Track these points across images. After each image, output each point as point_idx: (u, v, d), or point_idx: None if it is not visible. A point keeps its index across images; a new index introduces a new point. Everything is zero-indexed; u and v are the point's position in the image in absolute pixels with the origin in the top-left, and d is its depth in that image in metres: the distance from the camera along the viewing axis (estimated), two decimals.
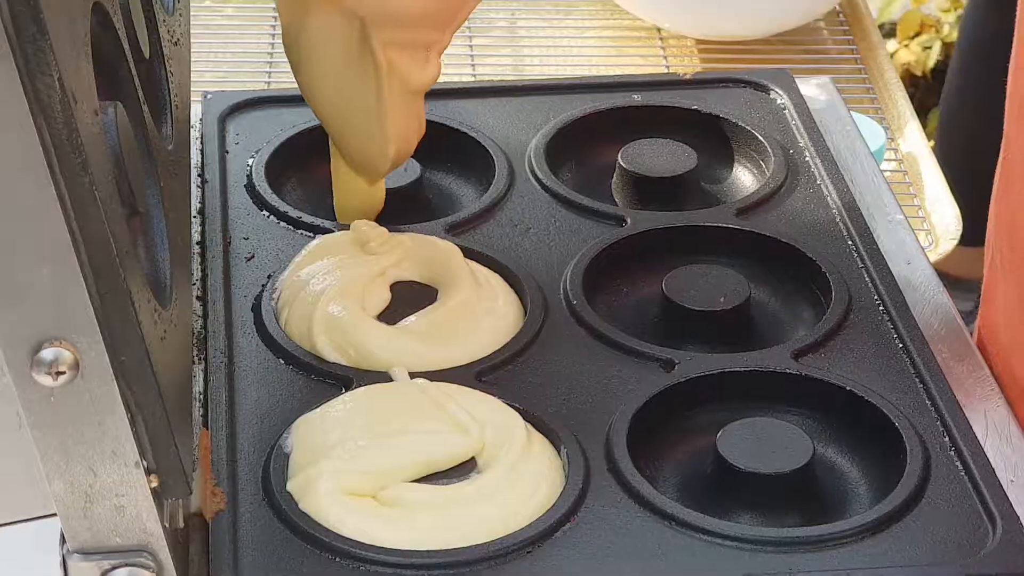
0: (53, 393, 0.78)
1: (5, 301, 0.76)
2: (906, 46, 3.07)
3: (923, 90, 3.00)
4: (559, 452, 0.94)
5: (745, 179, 1.20)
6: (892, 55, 2.78)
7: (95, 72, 0.82)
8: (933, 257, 1.42)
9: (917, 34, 3.09)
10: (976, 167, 1.98)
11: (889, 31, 3.13)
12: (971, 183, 1.87)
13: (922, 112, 2.41)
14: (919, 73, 3.02)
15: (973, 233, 1.48)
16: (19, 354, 0.77)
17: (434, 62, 1.06)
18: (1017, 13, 1.09)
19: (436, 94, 1.26)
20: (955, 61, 2.53)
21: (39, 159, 0.73)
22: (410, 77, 1.05)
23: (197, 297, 1.06)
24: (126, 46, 0.92)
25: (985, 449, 0.94)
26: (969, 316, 1.29)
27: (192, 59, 1.17)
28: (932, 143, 2.42)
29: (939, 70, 2.90)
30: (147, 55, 0.98)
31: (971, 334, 1.09)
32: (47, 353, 0.76)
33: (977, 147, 2.31)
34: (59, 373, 0.77)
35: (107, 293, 0.76)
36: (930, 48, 3.04)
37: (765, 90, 1.27)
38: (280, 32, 1.08)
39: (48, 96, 0.72)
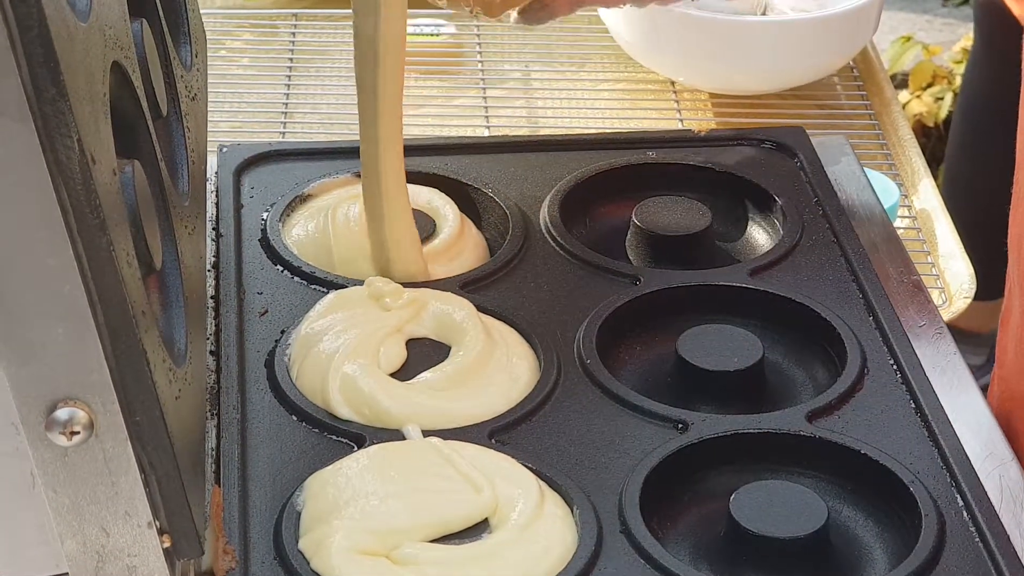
0: (67, 453, 0.78)
1: (20, 360, 0.76)
2: (918, 97, 3.07)
3: (935, 141, 3.00)
4: (572, 512, 0.94)
5: (759, 237, 1.20)
6: (904, 106, 2.79)
7: (113, 130, 0.82)
8: (946, 316, 1.41)
9: (929, 85, 3.09)
10: (981, 216, 1.98)
11: (901, 82, 3.14)
12: (976, 232, 1.87)
13: (933, 163, 2.41)
14: (931, 124, 3.03)
15: (982, 286, 1.48)
16: (34, 413, 0.77)
17: None
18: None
19: (450, 149, 1.26)
20: (958, 113, 2.54)
21: (57, 220, 0.73)
22: None
23: (210, 352, 1.05)
24: (144, 104, 0.92)
25: (999, 515, 0.93)
26: (979, 371, 1.28)
27: (207, 110, 1.18)
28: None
29: (951, 121, 2.90)
30: (165, 112, 0.99)
31: (983, 392, 1.09)
32: (62, 413, 0.77)
33: (981, 198, 2.31)
34: (74, 433, 0.77)
35: (123, 353, 0.76)
36: (942, 99, 3.04)
37: (780, 148, 1.27)
38: (294, 83, 1.07)
39: (67, 158, 0.72)
